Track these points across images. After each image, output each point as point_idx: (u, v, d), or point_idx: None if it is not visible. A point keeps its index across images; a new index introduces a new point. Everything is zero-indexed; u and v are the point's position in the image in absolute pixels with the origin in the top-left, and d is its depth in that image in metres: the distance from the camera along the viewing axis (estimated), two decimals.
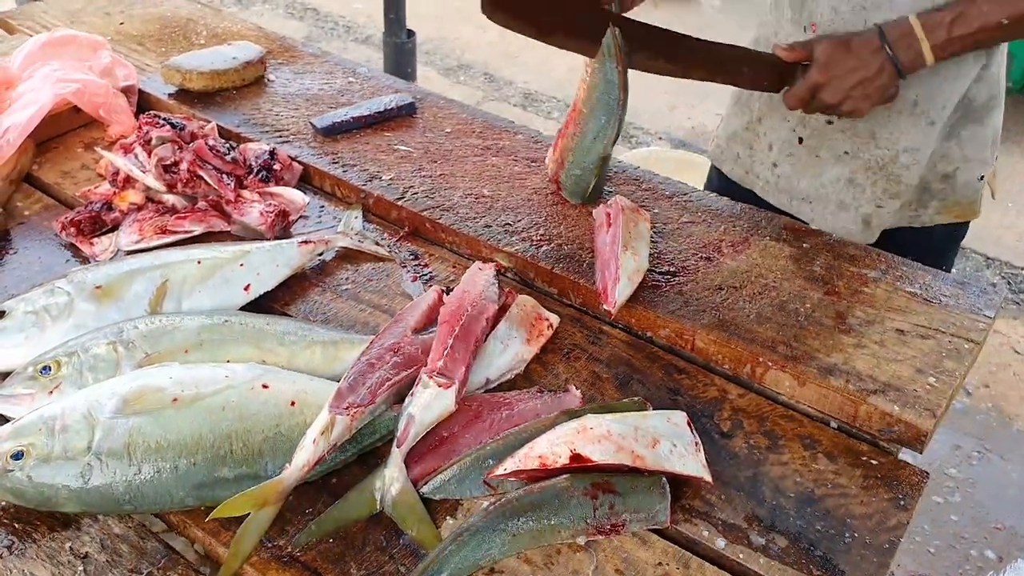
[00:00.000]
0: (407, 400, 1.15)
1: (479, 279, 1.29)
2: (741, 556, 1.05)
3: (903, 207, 1.64)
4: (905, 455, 1.21)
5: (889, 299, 1.37)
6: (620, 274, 1.32)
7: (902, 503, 1.12)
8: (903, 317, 1.33)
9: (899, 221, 1.66)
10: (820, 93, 1.44)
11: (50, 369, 1.17)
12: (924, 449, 1.18)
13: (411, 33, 4.02)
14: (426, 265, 1.47)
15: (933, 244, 1.70)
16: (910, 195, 1.62)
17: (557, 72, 5.35)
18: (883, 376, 1.23)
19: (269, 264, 1.38)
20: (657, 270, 1.41)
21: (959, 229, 1.72)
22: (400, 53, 3.98)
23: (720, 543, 1.07)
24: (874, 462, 1.17)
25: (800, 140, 1.65)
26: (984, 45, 1.44)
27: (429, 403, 1.14)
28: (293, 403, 1.14)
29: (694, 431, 1.14)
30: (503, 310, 1.30)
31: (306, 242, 1.43)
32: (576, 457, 1.07)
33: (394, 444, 1.12)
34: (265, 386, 1.14)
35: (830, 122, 1.60)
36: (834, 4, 1.51)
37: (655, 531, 1.08)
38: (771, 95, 1.65)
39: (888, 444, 1.21)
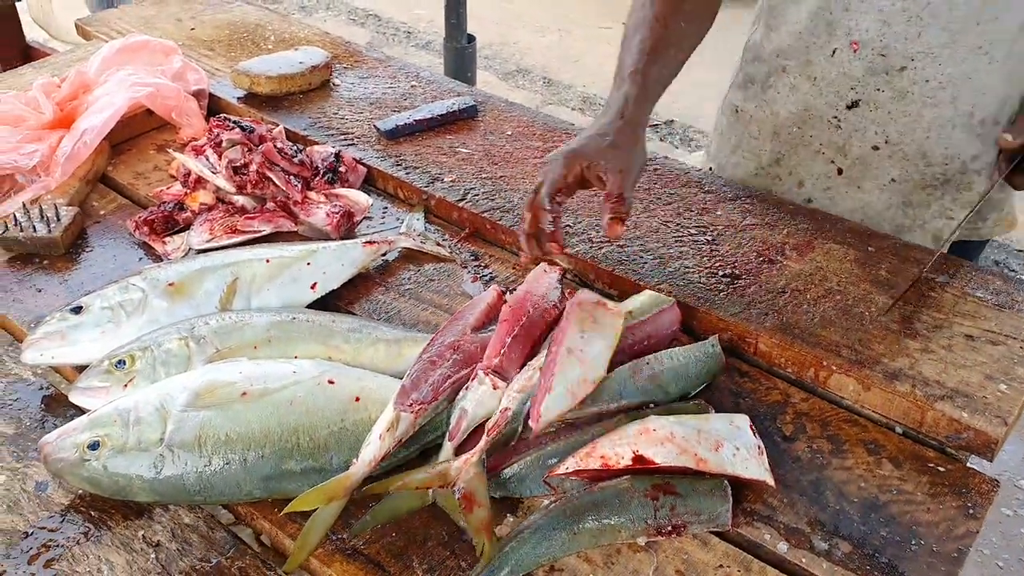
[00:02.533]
0: (460, 394, 1.16)
1: (543, 281, 1.30)
2: (803, 560, 1.04)
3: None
4: (974, 463, 1.19)
5: (957, 304, 1.34)
6: (555, 383, 1.12)
7: (971, 511, 1.10)
8: (972, 322, 1.31)
9: (961, 235, 1.57)
10: None
11: (125, 363, 1.20)
12: (994, 457, 1.16)
13: (471, 38, 4.04)
14: (486, 266, 1.49)
15: (969, 258, 1.63)
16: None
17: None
18: (951, 382, 1.21)
19: (335, 263, 1.41)
20: (719, 273, 1.41)
21: (982, 246, 1.67)
22: (460, 58, 4.01)
23: (782, 547, 1.06)
24: (941, 469, 1.15)
25: (840, 171, 1.57)
26: None
27: (482, 399, 1.15)
28: (357, 398, 1.16)
29: (756, 435, 1.14)
30: (564, 312, 1.30)
31: (370, 243, 1.46)
32: (639, 459, 1.08)
33: (446, 438, 1.14)
34: (331, 381, 1.17)
35: (876, 147, 1.51)
36: (884, 18, 1.41)
37: (716, 534, 1.07)
38: (792, 134, 1.58)
39: (956, 451, 1.18)
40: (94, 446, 1.08)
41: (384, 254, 1.48)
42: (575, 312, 1.20)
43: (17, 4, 2.70)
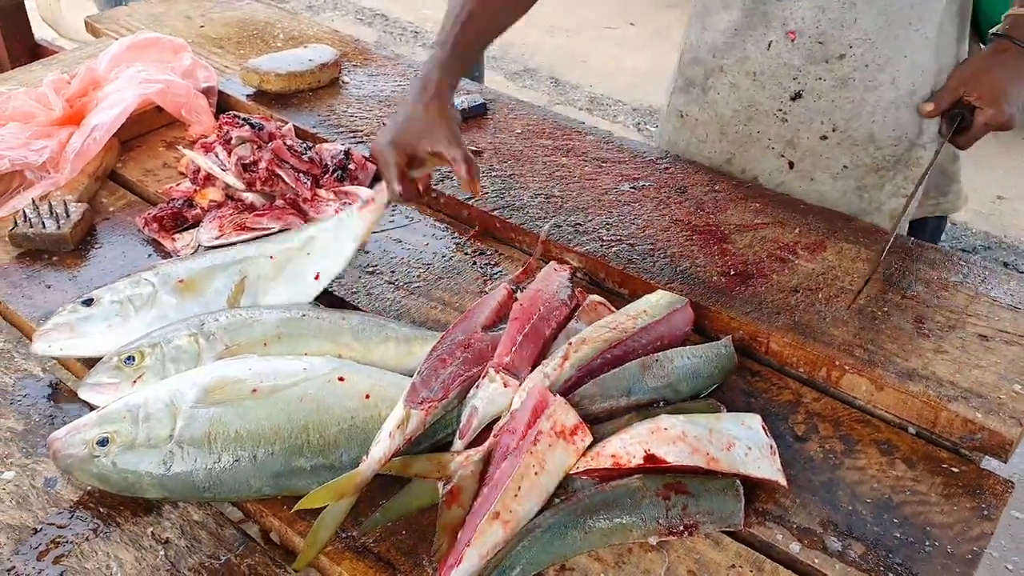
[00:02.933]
0: (471, 392, 1.16)
1: (554, 279, 1.29)
2: (816, 561, 1.03)
3: (926, 195, 1.59)
4: (987, 464, 1.18)
5: (970, 304, 1.33)
6: (466, 556, 0.99)
7: (985, 513, 1.09)
8: (986, 323, 1.30)
9: (925, 212, 1.62)
10: (1004, 124, 1.39)
11: (134, 359, 1.20)
12: (1009, 458, 1.15)
13: None
14: (496, 264, 1.48)
15: (927, 236, 1.66)
16: (933, 180, 1.57)
17: (623, 76, 5.34)
18: (965, 382, 1.20)
19: (333, 244, 1.38)
20: (731, 272, 1.40)
21: (942, 221, 1.70)
22: None
23: (795, 547, 1.05)
24: (955, 470, 1.14)
25: (791, 165, 1.57)
26: None
27: (493, 397, 1.14)
28: (368, 396, 1.15)
29: (769, 434, 1.13)
30: (574, 311, 1.30)
31: (365, 205, 1.38)
32: (650, 457, 1.07)
33: (456, 435, 1.13)
34: (341, 379, 1.16)
35: (824, 137, 1.52)
36: (819, 4, 1.43)
37: (728, 533, 1.06)
38: (739, 132, 1.59)
39: (970, 452, 1.17)
40: (103, 442, 1.08)
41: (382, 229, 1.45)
42: (520, 462, 1.05)
43: (26, 2, 2.70)
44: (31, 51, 2.77)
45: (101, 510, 1.10)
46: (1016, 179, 4.40)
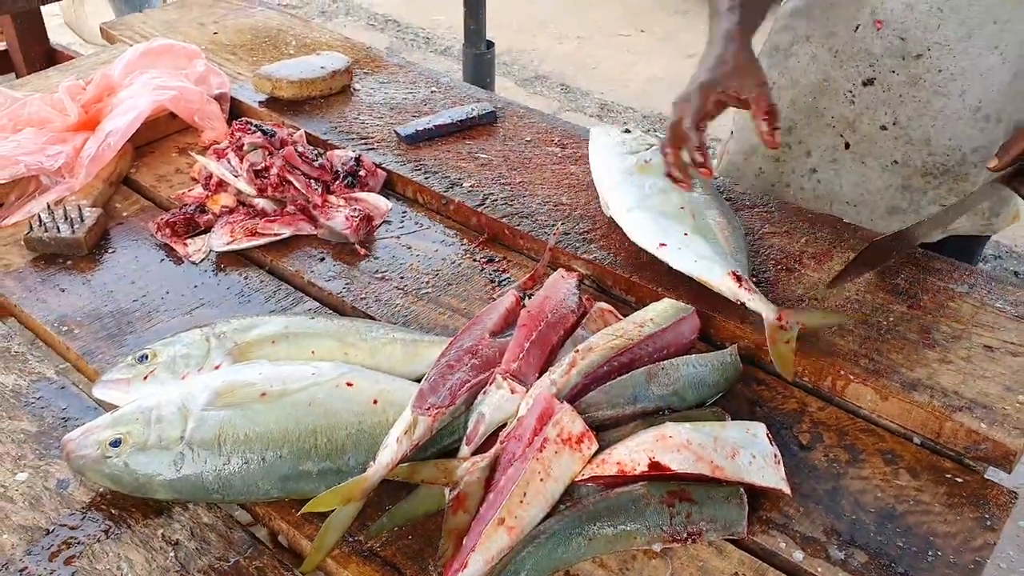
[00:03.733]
0: (478, 398, 1.17)
1: (561, 287, 1.30)
2: (819, 570, 1.04)
3: (976, 214, 1.60)
4: (991, 475, 1.18)
5: (976, 314, 1.34)
6: (472, 560, 1.00)
7: (989, 523, 1.09)
8: (991, 333, 1.30)
9: (971, 229, 1.63)
10: None
11: (147, 357, 1.22)
12: (1013, 469, 1.15)
13: (490, 44, 4.06)
14: (504, 271, 1.49)
15: (969, 252, 1.68)
16: (988, 203, 1.58)
17: (634, 83, 5.35)
18: (970, 393, 1.21)
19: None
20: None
21: (985, 241, 1.72)
22: (479, 64, 4.03)
23: (798, 556, 1.06)
24: (959, 480, 1.15)
25: (847, 145, 1.62)
26: None
27: (500, 404, 1.15)
28: (375, 401, 1.16)
29: (773, 443, 1.14)
30: (581, 318, 1.31)
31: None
32: (655, 465, 1.08)
33: (463, 441, 1.14)
34: (349, 384, 1.17)
35: (884, 127, 1.56)
36: (909, 2, 1.46)
37: (732, 541, 1.07)
38: (807, 103, 1.64)
39: (974, 462, 1.18)
40: (116, 443, 1.09)
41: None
42: (525, 469, 1.06)
43: (43, 8, 2.74)
44: (47, 56, 2.81)
45: (112, 511, 1.11)
46: None
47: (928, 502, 1.12)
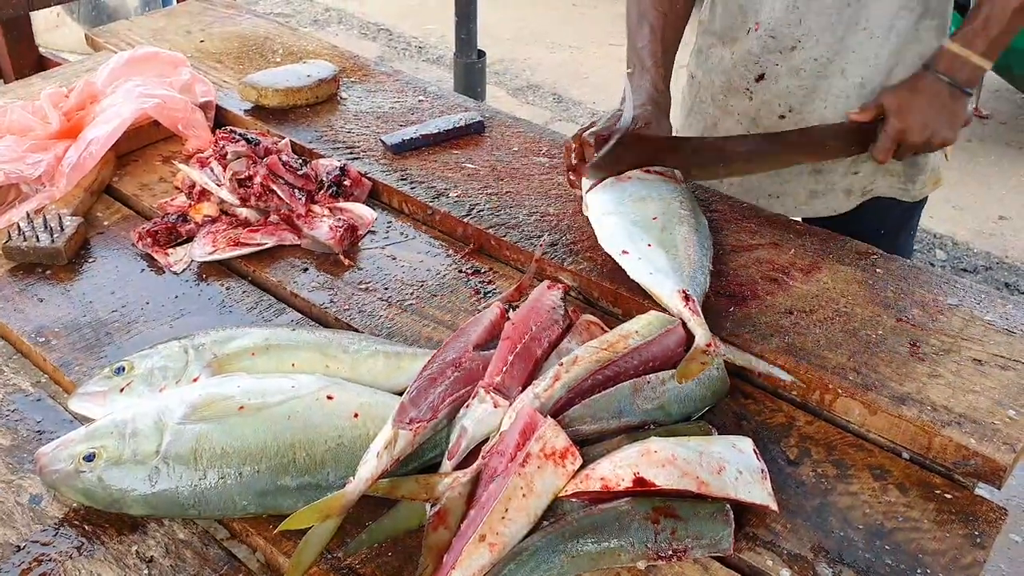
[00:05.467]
0: (461, 412, 1.15)
1: (546, 299, 1.29)
2: None
3: (891, 174, 1.69)
4: (981, 490, 1.17)
5: (966, 327, 1.33)
6: None
7: (978, 540, 1.08)
8: (980, 346, 1.29)
9: (888, 191, 1.71)
10: (905, 137, 1.50)
11: (124, 369, 1.20)
12: (1003, 484, 1.14)
13: (481, 53, 4.05)
14: (490, 282, 1.48)
15: (891, 218, 1.76)
16: (899, 166, 1.67)
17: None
18: (959, 407, 1.19)
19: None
20: (724, 293, 1.39)
21: (917, 207, 1.79)
22: (470, 73, 4.02)
23: (785, 573, 1.04)
24: (948, 496, 1.13)
25: None
26: (1016, 30, 1.47)
27: (483, 417, 1.13)
28: (356, 415, 1.14)
29: (760, 458, 1.12)
30: (567, 330, 1.29)
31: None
32: (639, 481, 1.06)
33: (445, 456, 1.12)
34: (330, 397, 1.15)
35: (782, 116, 1.67)
36: (772, 4, 1.60)
37: (717, 558, 1.05)
38: (719, 102, 1.74)
39: (964, 478, 1.16)
40: (90, 458, 1.07)
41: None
42: (506, 486, 1.04)
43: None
44: (36, 63, 2.79)
45: (86, 528, 1.09)
46: (1017, 199, 4.40)
47: (917, 518, 1.10)
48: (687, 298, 1.29)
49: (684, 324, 1.27)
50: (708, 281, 1.36)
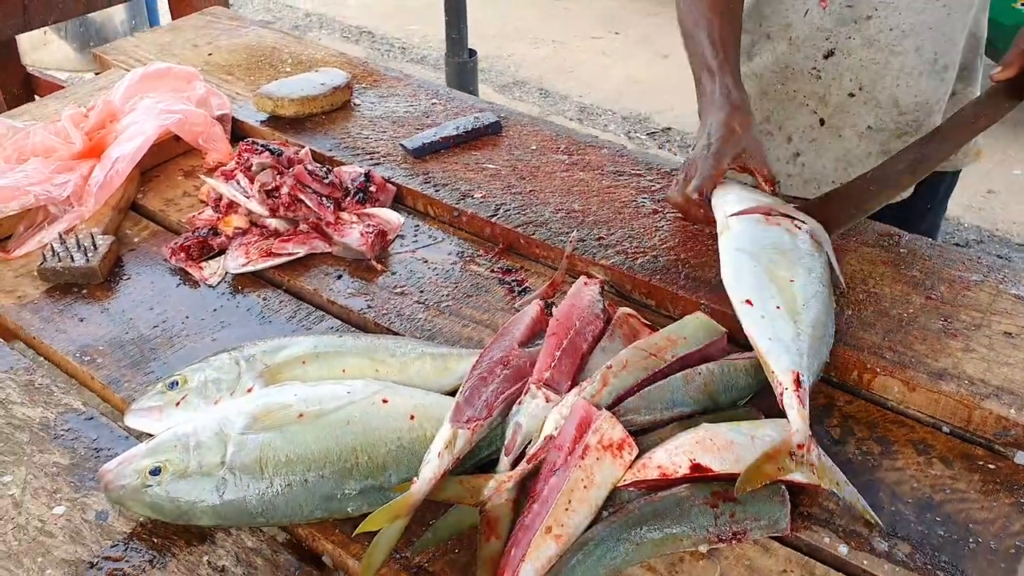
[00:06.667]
0: (514, 409, 1.17)
1: (585, 294, 1.31)
2: (865, 563, 1.05)
3: None
4: (1020, 459, 1.20)
5: (994, 302, 1.36)
6: (521, 570, 1.00)
7: None
8: (1010, 320, 1.33)
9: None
10: None
11: (178, 384, 1.22)
12: None
13: (472, 52, 4.07)
14: (523, 280, 1.50)
15: (939, 193, 1.79)
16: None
17: (611, 84, 5.38)
18: (995, 380, 1.23)
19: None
20: None
21: (956, 177, 1.81)
22: (462, 73, 4.04)
23: (843, 549, 1.07)
24: (991, 467, 1.17)
25: (822, 122, 1.68)
26: None
27: (536, 412, 1.16)
28: (412, 417, 1.16)
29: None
30: (607, 324, 1.32)
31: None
32: (696, 467, 1.09)
33: (502, 452, 1.14)
34: (384, 400, 1.17)
35: (852, 94, 1.64)
36: None
37: (776, 539, 1.08)
38: (778, 91, 1.71)
39: (1004, 448, 1.20)
40: (156, 472, 1.09)
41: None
42: (567, 480, 1.07)
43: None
44: (23, 81, 2.79)
45: (155, 540, 1.11)
46: (1004, 173, 4.47)
47: (964, 490, 1.14)
48: (799, 384, 1.15)
49: (784, 412, 1.14)
50: (821, 372, 1.24)
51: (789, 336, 1.20)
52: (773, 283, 1.28)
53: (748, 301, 1.26)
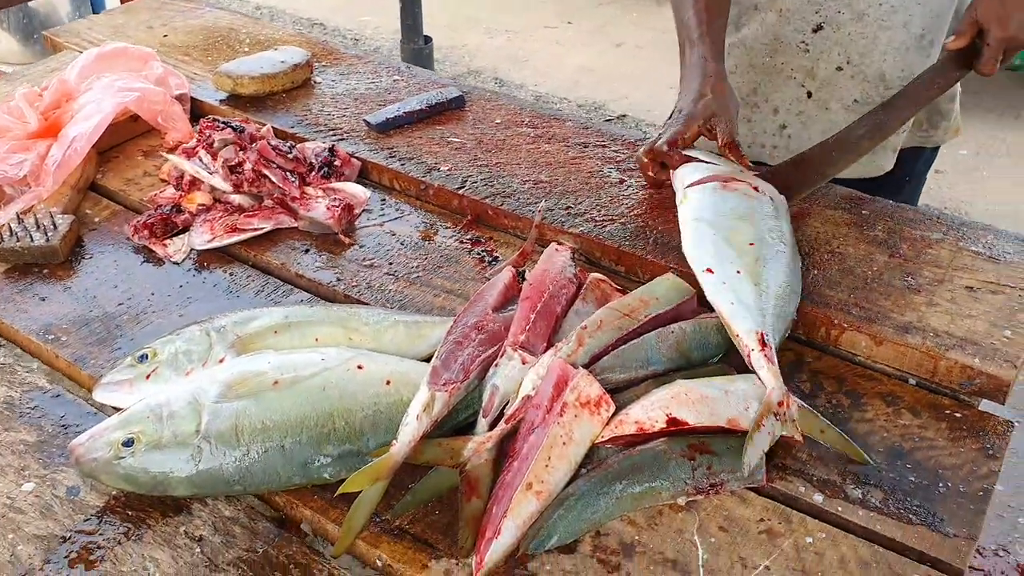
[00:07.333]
0: (491, 372, 1.17)
1: (557, 259, 1.32)
2: (840, 509, 1.07)
3: (912, 124, 1.70)
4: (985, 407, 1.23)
5: (954, 259, 1.39)
6: (504, 527, 1.01)
7: (991, 452, 1.14)
8: (971, 275, 1.36)
9: (910, 141, 1.74)
10: (1013, 42, 1.47)
11: (148, 357, 1.20)
12: (1007, 400, 1.20)
13: (428, 39, 4.05)
14: (492, 250, 1.50)
15: (917, 166, 1.81)
16: (924, 114, 1.69)
17: (565, 74, 5.39)
18: (959, 331, 1.26)
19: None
20: None
21: (935, 153, 1.84)
22: (418, 59, 4.02)
23: (818, 498, 1.09)
24: (958, 415, 1.19)
25: (809, 95, 1.69)
26: None
27: (512, 374, 1.16)
28: (388, 382, 1.16)
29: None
30: (579, 288, 1.32)
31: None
32: (673, 421, 1.10)
33: (480, 414, 1.15)
34: (360, 367, 1.17)
35: (840, 68, 1.64)
36: None
37: (752, 490, 1.10)
38: (765, 64, 1.71)
39: (969, 397, 1.23)
40: (129, 443, 1.07)
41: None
42: (546, 437, 1.08)
43: None
44: None
45: (129, 513, 1.09)
46: (951, 154, 4.57)
47: (932, 437, 1.16)
48: (764, 343, 1.16)
49: (755, 372, 1.16)
50: (788, 333, 1.25)
51: (751, 299, 1.22)
52: (732, 248, 1.30)
53: (709, 270, 1.28)
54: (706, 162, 1.47)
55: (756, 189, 1.42)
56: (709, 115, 1.46)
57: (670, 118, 1.51)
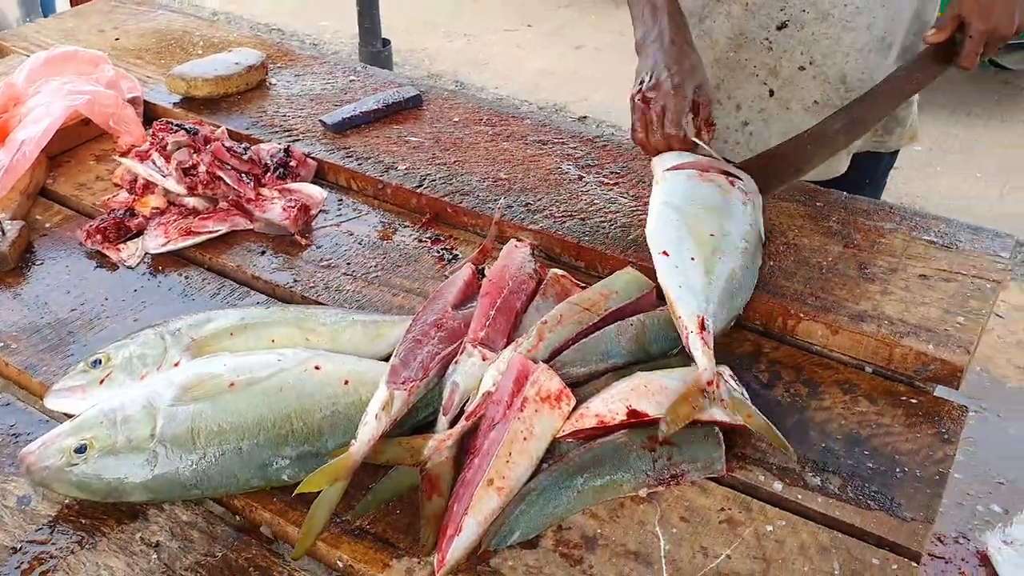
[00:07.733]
0: (450, 369, 1.17)
1: (516, 255, 1.31)
2: (800, 496, 1.08)
3: (871, 132, 1.71)
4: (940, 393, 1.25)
5: (908, 248, 1.41)
6: (465, 524, 1.00)
7: (946, 437, 1.15)
8: (924, 263, 1.38)
9: (864, 146, 1.74)
10: (994, 35, 1.46)
11: (100, 362, 1.18)
12: (961, 385, 1.22)
13: (386, 42, 4.04)
14: (452, 248, 1.49)
15: (878, 169, 1.82)
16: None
17: (525, 76, 5.40)
18: (913, 319, 1.27)
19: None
20: None
21: (894, 157, 1.85)
22: (376, 61, 4.00)
23: (777, 486, 1.09)
24: (913, 401, 1.21)
25: (771, 93, 1.70)
26: None
27: (472, 371, 1.16)
28: (347, 382, 1.15)
29: (739, 382, 1.17)
30: (539, 284, 1.32)
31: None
32: (633, 413, 1.10)
33: (440, 412, 1.14)
34: (317, 367, 1.16)
35: (802, 68, 1.64)
36: None
37: (713, 480, 1.10)
38: (730, 59, 1.70)
39: (924, 383, 1.24)
40: (81, 449, 1.05)
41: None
42: (507, 432, 1.07)
43: None
44: None
45: (83, 521, 1.07)
46: (905, 151, 4.63)
47: (888, 424, 1.17)
48: (703, 327, 1.18)
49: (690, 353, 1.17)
50: (729, 327, 1.29)
51: (699, 285, 1.24)
52: (692, 236, 1.31)
53: (665, 252, 1.29)
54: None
55: (735, 182, 1.42)
56: (696, 85, 1.43)
57: (644, 83, 1.45)
